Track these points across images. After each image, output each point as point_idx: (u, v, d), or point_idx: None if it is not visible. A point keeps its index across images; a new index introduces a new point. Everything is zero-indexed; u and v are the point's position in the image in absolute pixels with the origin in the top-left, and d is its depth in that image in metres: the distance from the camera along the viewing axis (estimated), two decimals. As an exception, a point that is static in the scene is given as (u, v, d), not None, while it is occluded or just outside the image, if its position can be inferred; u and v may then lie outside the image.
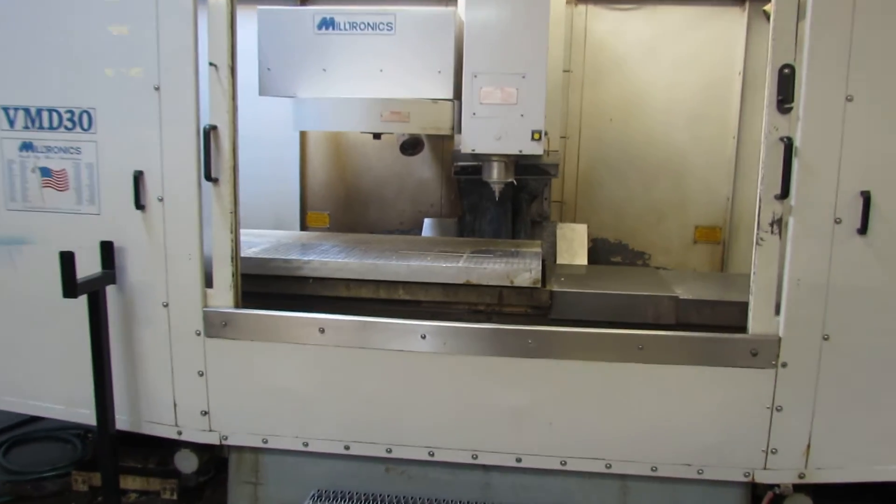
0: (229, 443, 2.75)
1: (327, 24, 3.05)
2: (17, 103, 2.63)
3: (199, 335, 2.65)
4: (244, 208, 2.69)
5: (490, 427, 2.60)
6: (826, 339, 2.39)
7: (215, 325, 2.64)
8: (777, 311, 2.41)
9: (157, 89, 2.52)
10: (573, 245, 3.95)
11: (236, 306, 2.65)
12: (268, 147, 4.33)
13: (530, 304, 2.90)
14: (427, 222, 4.28)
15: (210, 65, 2.50)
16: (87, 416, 2.72)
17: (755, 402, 2.46)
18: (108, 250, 2.62)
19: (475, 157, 3.21)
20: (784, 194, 2.31)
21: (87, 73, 2.56)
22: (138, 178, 2.57)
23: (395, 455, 2.66)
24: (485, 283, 2.86)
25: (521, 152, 3.03)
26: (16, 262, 2.72)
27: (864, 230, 2.29)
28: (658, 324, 2.80)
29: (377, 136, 3.47)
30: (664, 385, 2.50)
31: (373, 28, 3.02)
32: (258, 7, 3.11)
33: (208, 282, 2.64)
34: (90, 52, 2.55)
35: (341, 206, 4.53)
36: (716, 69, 4.16)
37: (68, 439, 3.61)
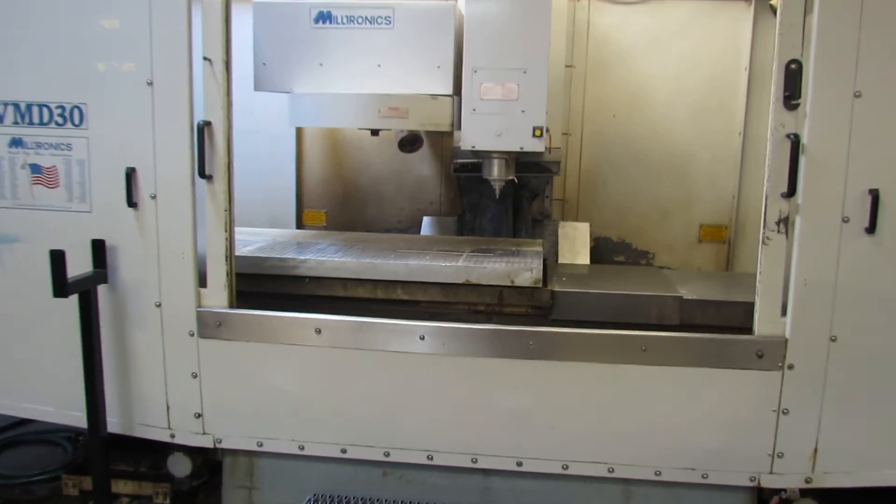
0: (223, 446, 2.76)
1: (324, 17, 3.05)
2: (7, 98, 2.63)
3: (192, 336, 2.65)
4: (239, 206, 2.69)
5: (490, 430, 2.60)
6: (833, 340, 2.39)
7: (209, 326, 2.64)
8: (783, 312, 2.41)
9: (150, 84, 2.52)
10: (575, 244, 3.95)
11: (231, 306, 2.65)
12: (263, 144, 4.32)
13: (531, 305, 2.90)
14: (426, 221, 4.28)
15: (204, 59, 2.49)
16: (78, 418, 2.72)
17: (761, 404, 2.46)
18: (99, 249, 2.62)
19: (475, 154, 3.22)
20: (791, 192, 2.31)
21: (78, 68, 2.56)
22: (130, 174, 2.57)
23: (392, 459, 2.66)
24: (485, 282, 2.86)
25: (522, 149, 3.03)
26: (4, 261, 2.72)
27: (872, 229, 2.29)
28: (662, 324, 2.80)
29: (375, 132, 3.48)
30: (668, 387, 2.50)
31: (371, 22, 3.03)
32: (253, 0, 3.12)
33: (202, 281, 2.64)
34: (81, 47, 2.55)
35: (338, 203, 4.53)
36: (721, 64, 4.16)
37: (58, 442, 3.61)
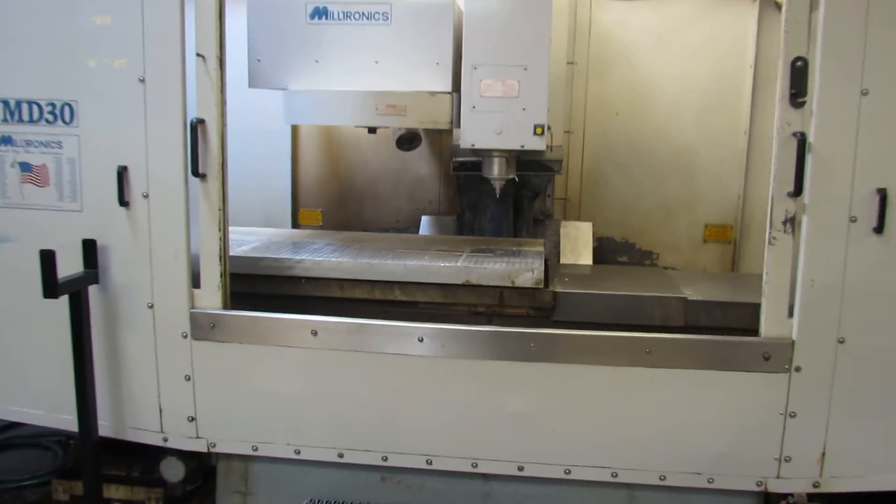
0: (217, 450, 2.75)
1: (320, 13, 3.05)
2: (-4, 95, 2.63)
3: (185, 337, 2.65)
4: (233, 205, 2.69)
5: (491, 434, 2.60)
6: (841, 342, 2.39)
7: (203, 327, 2.64)
8: (790, 314, 2.42)
9: (143, 81, 2.52)
10: (577, 244, 3.96)
11: (225, 307, 2.65)
12: (258, 142, 4.33)
13: (532, 306, 2.91)
14: (424, 220, 4.28)
15: (197, 55, 2.50)
16: (69, 421, 2.72)
17: (768, 408, 2.46)
18: (90, 249, 2.62)
19: (475, 152, 3.22)
20: (797, 192, 2.31)
21: (68, 64, 2.56)
22: (122, 173, 2.57)
23: (391, 463, 2.66)
24: (485, 283, 2.87)
25: (522, 147, 3.04)
26: (-6, 262, 2.73)
27: (880, 229, 2.30)
28: (666, 326, 2.81)
29: (372, 130, 3.48)
30: (672, 390, 2.51)
31: (368, 17, 3.03)
32: (248, -5, 3.13)
33: (195, 282, 2.64)
34: (72, 42, 2.55)
35: (335, 202, 4.54)
36: (726, 61, 4.18)
37: (49, 446, 3.61)
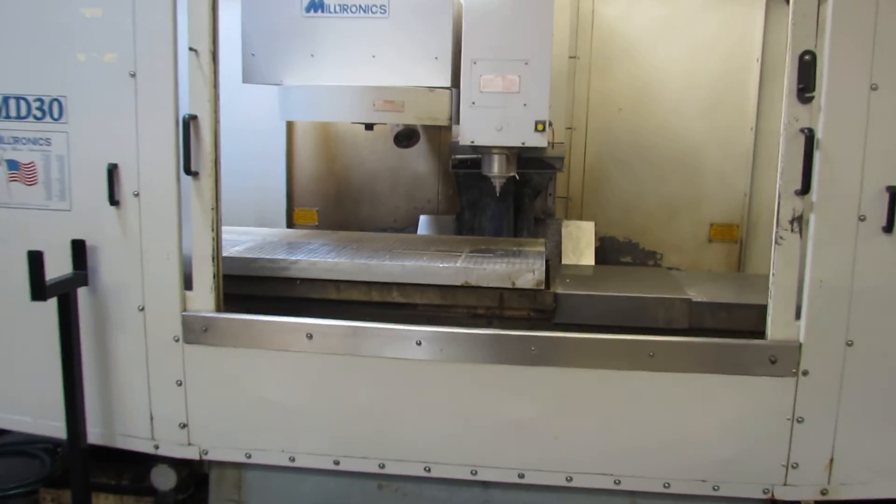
0: (210, 458, 2.75)
1: (316, 6, 3.05)
2: (-18, 91, 2.63)
3: (177, 341, 2.65)
4: (226, 204, 2.69)
5: (490, 440, 2.60)
6: (850, 344, 2.40)
7: (195, 331, 2.64)
8: (797, 315, 2.42)
9: (133, 76, 2.52)
10: (579, 244, 3.96)
11: (218, 310, 2.65)
12: (252, 139, 4.32)
13: (533, 308, 2.91)
14: (423, 219, 4.28)
15: (190, 50, 2.50)
16: (57, 428, 2.72)
17: (774, 412, 2.47)
18: (79, 249, 2.62)
19: (474, 149, 3.22)
20: (805, 189, 2.32)
21: (57, 59, 2.56)
22: (112, 171, 2.57)
23: (388, 471, 2.66)
24: (484, 284, 2.87)
25: (523, 144, 3.04)
26: (-20, 263, 2.72)
27: (890, 228, 2.30)
28: (670, 328, 2.81)
29: (369, 126, 3.47)
30: (677, 395, 2.51)
31: (365, 10, 3.03)
32: (241, -12, 3.12)
33: (188, 284, 2.64)
34: (61, 36, 2.55)
35: (331, 202, 4.54)
36: (732, 56, 4.18)
37: (36, 454, 3.60)
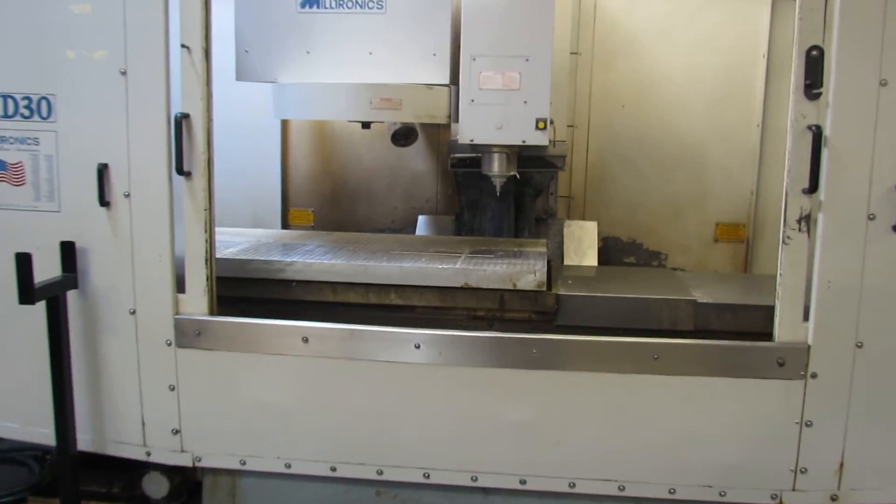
0: (203, 465, 2.75)
1: (311, 1, 3.05)
2: (-32, 89, 2.63)
3: (169, 345, 2.65)
4: (220, 205, 2.69)
5: (491, 446, 2.60)
6: (859, 346, 2.40)
7: (188, 335, 2.64)
8: (806, 317, 2.42)
9: (124, 74, 2.52)
10: (582, 244, 3.96)
11: (211, 313, 2.65)
12: (246, 138, 4.32)
13: (535, 310, 2.91)
14: (421, 220, 4.29)
15: (182, 47, 2.50)
16: (46, 435, 2.72)
17: (782, 416, 2.47)
18: (69, 251, 2.62)
19: (474, 148, 3.22)
20: (813, 188, 2.32)
21: (46, 56, 2.56)
22: (103, 171, 2.57)
23: (386, 477, 2.66)
24: (485, 286, 2.87)
25: (524, 143, 3.04)
26: (-34, 265, 2.72)
27: (900, 227, 2.31)
28: (675, 330, 2.81)
29: (366, 125, 3.48)
30: (682, 398, 2.51)
31: (361, 6, 3.03)
32: (235, -17, 3.12)
33: (180, 286, 2.64)
34: (50, 33, 2.55)
35: (327, 202, 4.54)
36: (738, 51, 4.18)
37: (24, 461, 3.59)
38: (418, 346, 2.56)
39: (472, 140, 3.06)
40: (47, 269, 2.58)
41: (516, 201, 3.99)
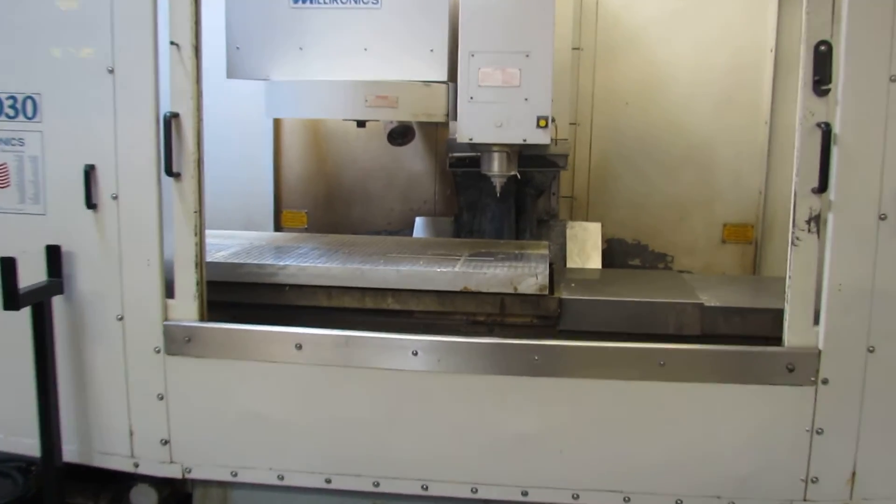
0: (193, 476, 2.75)
1: (304, -4, 3.06)
2: (-50, 88, 2.64)
3: (158, 353, 2.65)
4: (210, 207, 2.70)
5: (491, 456, 2.60)
6: (871, 351, 2.40)
7: (177, 341, 2.64)
8: (816, 321, 2.42)
9: (111, 72, 2.53)
10: (585, 246, 3.97)
11: (201, 319, 2.65)
12: (237, 137, 4.34)
13: (536, 314, 2.91)
14: (419, 221, 4.29)
15: (171, 44, 2.50)
16: (31, 445, 2.72)
17: (792, 424, 2.47)
18: (54, 255, 2.62)
19: (473, 147, 3.23)
20: (822, 187, 2.33)
21: (31, 54, 2.57)
22: (89, 173, 2.57)
23: (383, 489, 2.66)
24: (485, 290, 2.87)
25: (525, 141, 3.05)
26: (-52, 270, 2.72)
27: (912, 228, 2.32)
28: (681, 335, 2.82)
29: (361, 124, 3.49)
30: (689, 406, 2.52)
31: (356, 1, 3.04)
32: (225, -22, 3.14)
33: (169, 291, 2.64)
34: (35, 30, 2.55)
35: (321, 203, 4.54)
36: (745, 46, 4.19)
37: (8, 473, 3.58)
38: (416, 353, 2.56)
39: (471, 139, 3.07)
40: (32, 273, 2.58)
41: (517, 202, 4.00)
